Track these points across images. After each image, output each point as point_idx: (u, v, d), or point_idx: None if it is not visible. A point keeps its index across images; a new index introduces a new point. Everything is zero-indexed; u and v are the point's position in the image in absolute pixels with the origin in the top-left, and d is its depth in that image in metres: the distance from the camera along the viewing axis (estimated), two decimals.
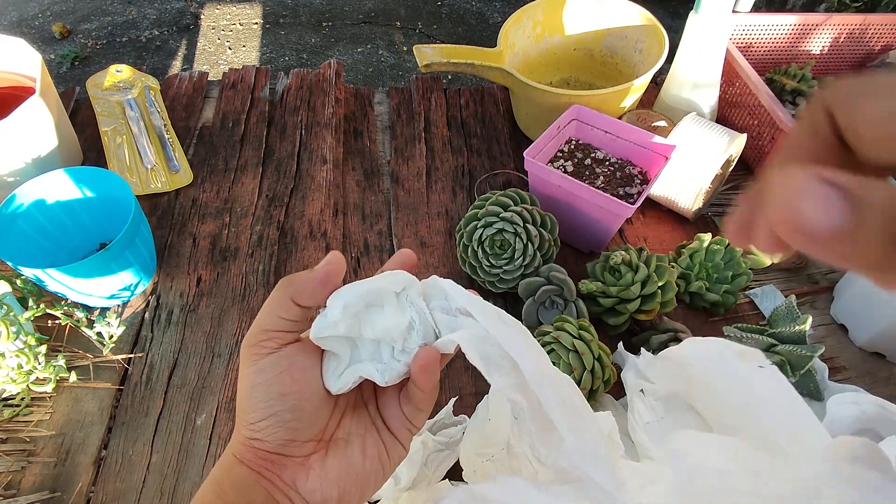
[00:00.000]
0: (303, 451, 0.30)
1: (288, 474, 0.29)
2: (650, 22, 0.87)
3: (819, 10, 2.09)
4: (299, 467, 0.30)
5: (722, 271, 0.68)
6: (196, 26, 2.53)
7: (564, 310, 0.65)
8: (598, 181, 0.72)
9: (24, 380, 0.59)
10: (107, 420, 0.61)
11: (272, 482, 0.29)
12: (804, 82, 0.89)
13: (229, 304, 0.70)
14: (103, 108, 0.88)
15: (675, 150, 0.71)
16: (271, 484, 0.29)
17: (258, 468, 0.29)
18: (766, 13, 0.92)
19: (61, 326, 0.66)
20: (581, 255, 0.77)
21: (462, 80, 2.24)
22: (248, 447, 0.29)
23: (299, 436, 0.29)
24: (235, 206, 0.80)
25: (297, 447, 0.30)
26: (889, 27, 0.94)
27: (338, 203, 0.81)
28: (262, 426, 0.29)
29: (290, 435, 0.29)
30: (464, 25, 2.59)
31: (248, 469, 0.29)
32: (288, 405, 0.29)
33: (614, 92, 0.77)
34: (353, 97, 0.97)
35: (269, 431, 0.29)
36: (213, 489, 0.29)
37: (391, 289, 0.30)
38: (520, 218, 0.66)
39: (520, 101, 0.89)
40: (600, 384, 0.57)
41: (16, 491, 0.56)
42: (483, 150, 0.90)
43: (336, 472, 0.30)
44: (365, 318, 0.30)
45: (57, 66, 2.30)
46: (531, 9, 0.91)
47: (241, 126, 0.90)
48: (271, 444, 0.29)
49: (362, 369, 0.30)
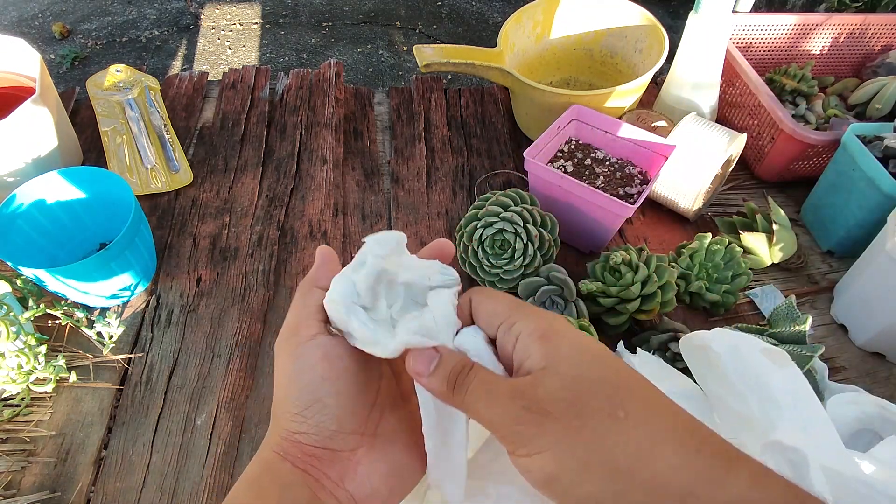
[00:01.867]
0: (349, 445, 0.29)
1: (336, 471, 0.29)
2: (650, 22, 0.87)
3: (819, 10, 2.09)
4: (347, 462, 0.29)
5: (722, 271, 0.68)
6: (196, 26, 2.53)
7: (564, 310, 0.65)
8: (598, 181, 0.72)
9: (24, 380, 0.59)
10: (107, 420, 0.61)
11: (318, 480, 0.28)
12: (804, 82, 0.89)
13: (229, 304, 0.70)
14: (103, 108, 0.88)
15: (675, 150, 0.71)
16: (317, 483, 0.28)
17: (304, 465, 0.28)
18: (766, 13, 0.92)
19: (61, 326, 0.66)
20: (581, 255, 0.77)
21: (462, 80, 2.24)
22: (293, 442, 0.28)
23: (344, 425, 0.29)
24: (235, 206, 0.80)
25: (342, 439, 0.29)
26: (889, 27, 0.94)
27: (338, 203, 0.81)
28: (309, 414, 0.28)
29: (336, 424, 0.28)
30: (464, 25, 2.59)
31: (293, 466, 0.28)
32: (331, 389, 0.28)
33: (614, 92, 0.77)
34: (353, 97, 0.97)
35: (315, 420, 0.28)
36: (251, 489, 0.28)
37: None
38: (520, 218, 0.66)
39: (520, 101, 0.89)
40: None
41: (16, 491, 0.56)
42: (483, 150, 0.90)
43: (385, 467, 0.30)
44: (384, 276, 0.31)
45: (57, 66, 2.30)
46: (531, 9, 0.91)
47: (241, 126, 0.90)
48: (317, 436, 0.28)
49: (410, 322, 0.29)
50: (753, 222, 0.75)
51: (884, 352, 0.67)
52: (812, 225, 0.80)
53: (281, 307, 0.70)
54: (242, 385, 0.63)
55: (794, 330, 0.60)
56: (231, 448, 0.59)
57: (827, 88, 0.94)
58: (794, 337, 0.60)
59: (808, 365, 0.58)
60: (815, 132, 0.75)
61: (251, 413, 0.61)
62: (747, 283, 0.68)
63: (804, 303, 0.73)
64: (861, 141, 0.70)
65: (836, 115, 0.86)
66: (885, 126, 0.72)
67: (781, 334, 0.61)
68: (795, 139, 0.76)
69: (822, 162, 0.81)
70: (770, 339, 0.60)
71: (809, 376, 0.60)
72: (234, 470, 0.57)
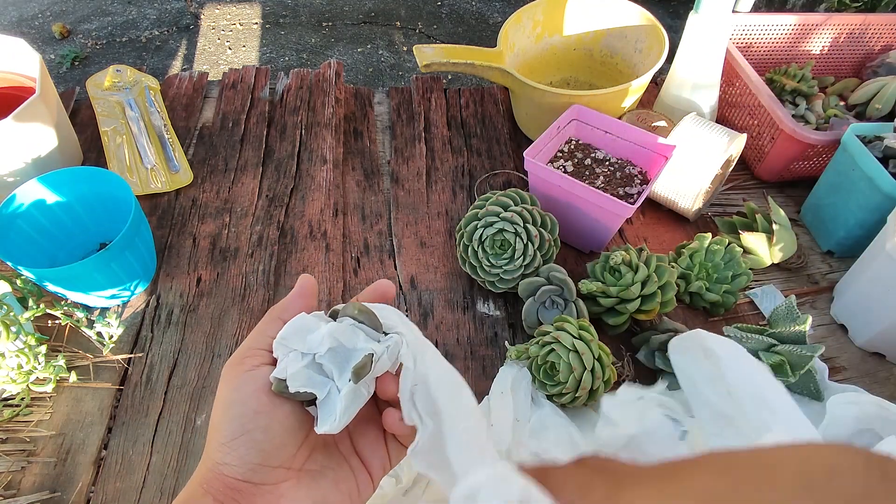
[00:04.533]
0: (273, 479, 0.29)
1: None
2: (650, 22, 0.87)
3: (819, 10, 2.09)
4: (269, 496, 0.29)
5: (722, 271, 0.68)
6: (196, 26, 2.53)
7: (564, 310, 0.65)
8: (598, 181, 0.72)
9: (24, 380, 0.59)
10: (107, 420, 0.61)
11: None
12: (804, 82, 0.89)
13: (229, 304, 0.70)
14: (103, 108, 0.88)
15: (675, 150, 0.71)
16: None
17: (225, 499, 0.28)
18: (766, 13, 0.92)
19: (61, 326, 0.66)
20: (581, 255, 0.77)
21: (462, 80, 2.24)
22: (217, 475, 0.28)
23: (270, 460, 0.29)
24: (235, 206, 0.80)
25: (266, 473, 0.29)
26: (889, 27, 0.94)
27: (338, 203, 0.81)
28: (235, 445, 0.28)
29: (260, 458, 0.28)
30: (464, 25, 2.59)
31: (214, 500, 0.28)
32: (261, 424, 0.29)
33: (614, 92, 0.77)
34: (353, 97, 0.97)
35: (240, 452, 0.28)
36: None
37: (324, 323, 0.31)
38: (520, 218, 0.66)
39: (520, 101, 0.89)
40: (600, 384, 0.57)
41: (16, 491, 0.56)
42: (483, 150, 0.90)
43: (309, 503, 0.29)
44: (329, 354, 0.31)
45: (57, 66, 2.30)
46: (531, 9, 0.91)
47: (241, 126, 0.90)
48: (240, 468, 0.28)
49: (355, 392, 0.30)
50: (753, 222, 0.75)
51: (884, 352, 0.67)
52: (812, 225, 0.80)
53: None
54: None
55: (794, 330, 0.60)
56: None
57: (827, 88, 0.94)
58: (794, 337, 0.60)
59: (808, 365, 0.58)
60: (815, 132, 0.75)
61: None
62: (747, 283, 0.68)
63: (804, 303, 0.73)
64: (861, 141, 0.70)
65: (836, 115, 0.86)
66: (885, 126, 0.72)
67: (781, 334, 0.61)
68: (795, 139, 0.76)
69: (822, 162, 0.81)
70: (770, 339, 0.60)
71: (810, 376, 0.60)
72: None
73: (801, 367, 0.58)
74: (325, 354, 0.30)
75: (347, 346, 0.30)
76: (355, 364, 0.29)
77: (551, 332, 0.58)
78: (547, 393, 0.58)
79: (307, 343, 0.30)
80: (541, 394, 0.59)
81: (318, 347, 0.30)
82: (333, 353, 0.30)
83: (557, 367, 0.57)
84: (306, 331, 0.31)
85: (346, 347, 0.30)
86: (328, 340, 0.30)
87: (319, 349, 0.30)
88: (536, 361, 0.59)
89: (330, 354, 0.30)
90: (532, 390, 0.60)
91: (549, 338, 0.58)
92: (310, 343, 0.30)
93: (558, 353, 0.57)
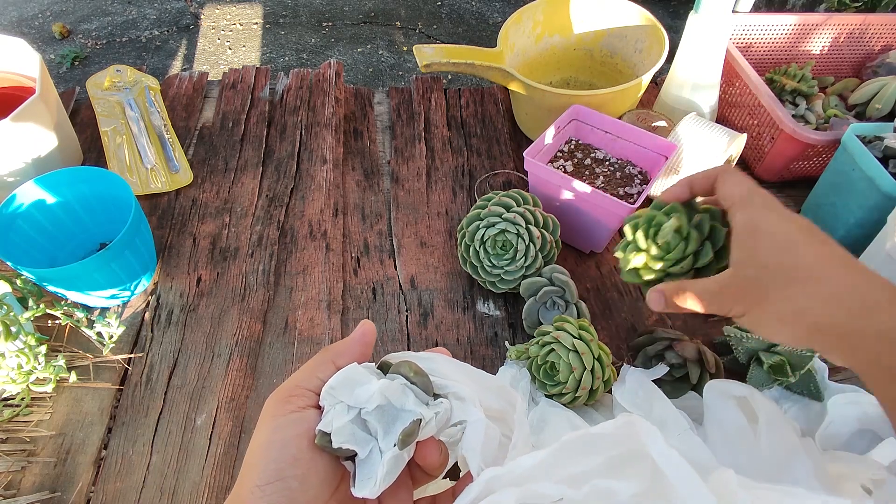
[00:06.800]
0: None
1: None
2: (650, 22, 0.87)
3: (819, 10, 2.09)
4: None
5: None
6: (196, 26, 2.53)
7: (565, 311, 0.65)
8: (598, 181, 0.72)
9: (24, 380, 0.59)
10: (107, 420, 0.61)
11: None
12: (804, 82, 0.89)
13: (229, 304, 0.70)
14: (103, 108, 0.88)
15: (675, 150, 0.71)
16: None
17: None
18: (766, 13, 0.92)
19: (61, 326, 0.66)
20: (581, 255, 0.77)
21: (462, 80, 2.24)
22: None
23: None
24: (235, 206, 0.80)
25: None
26: (889, 27, 0.94)
27: (338, 203, 0.81)
28: (269, 490, 0.27)
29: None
30: (464, 25, 2.59)
31: None
32: (298, 473, 0.28)
33: (614, 92, 0.77)
34: (353, 97, 0.97)
35: (273, 498, 0.27)
36: None
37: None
38: (522, 219, 0.66)
39: (520, 101, 0.89)
40: (600, 384, 0.57)
41: (16, 491, 0.56)
42: (483, 150, 0.90)
43: None
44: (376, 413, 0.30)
45: (57, 66, 2.30)
46: (531, 9, 0.91)
47: (241, 126, 0.90)
48: None
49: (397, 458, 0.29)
50: None
51: None
52: None
53: (281, 307, 0.70)
54: (242, 385, 0.63)
55: None
56: (231, 448, 0.59)
57: (827, 88, 0.94)
58: None
59: (809, 365, 0.58)
60: (815, 132, 0.75)
61: (251, 413, 0.61)
62: None
63: None
64: (861, 141, 0.70)
65: (836, 115, 0.86)
66: (885, 126, 0.72)
67: None
68: (795, 139, 0.76)
69: (822, 162, 0.80)
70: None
71: (810, 376, 0.60)
72: (233, 470, 0.57)
73: (801, 367, 0.58)
74: (373, 411, 0.29)
75: (396, 406, 0.30)
76: (403, 429, 0.29)
77: (551, 332, 0.58)
78: (547, 393, 0.58)
79: (355, 396, 0.29)
80: (540, 393, 0.59)
81: (367, 403, 0.29)
82: (381, 411, 0.29)
83: (557, 367, 0.57)
84: (356, 383, 0.30)
85: (394, 407, 0.30)
86: (377, 398, 0.29)
87: (367, 405, 0.29)
88: (536, 361, 0.59)
89: (377, 412, 0.29)
90: (531, 389, 0.60)
91: (549, 338, 0.58)
92: (357, 397, 0.30)
93: (558, 353, 0.57)
